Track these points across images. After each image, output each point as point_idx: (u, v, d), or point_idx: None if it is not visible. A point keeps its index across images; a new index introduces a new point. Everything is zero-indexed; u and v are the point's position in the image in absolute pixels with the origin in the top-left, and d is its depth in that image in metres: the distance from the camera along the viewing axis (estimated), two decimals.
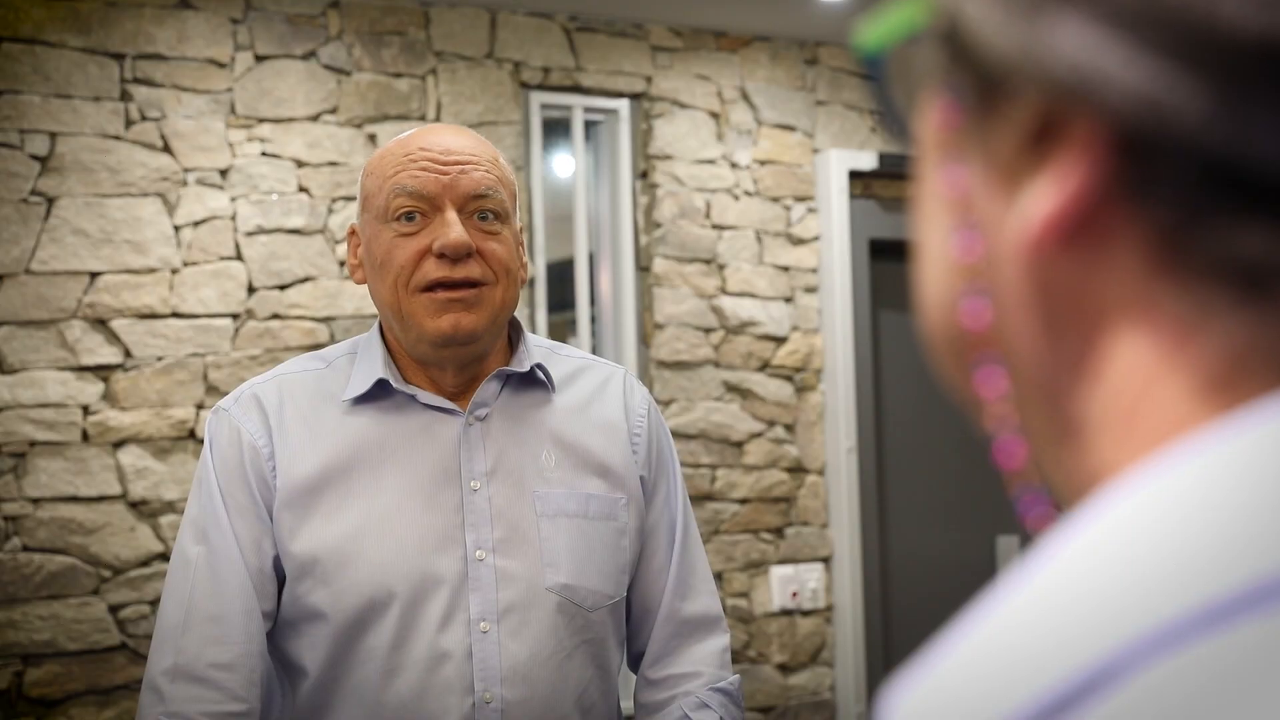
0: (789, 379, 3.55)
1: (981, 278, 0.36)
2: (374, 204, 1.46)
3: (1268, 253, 0.32)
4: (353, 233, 1.52)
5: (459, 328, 1.42)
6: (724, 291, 3.48)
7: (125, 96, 2.93)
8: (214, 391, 2.96)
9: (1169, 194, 0.32)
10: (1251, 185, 0.31)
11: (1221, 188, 0.32)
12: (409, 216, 1.43)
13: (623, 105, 3.42)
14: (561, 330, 3.44)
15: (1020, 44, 0.33)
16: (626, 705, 1.66)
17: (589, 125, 3.45)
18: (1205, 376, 0.33)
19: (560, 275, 3.42)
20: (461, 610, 1.42)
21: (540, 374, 1.53)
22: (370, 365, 1.48)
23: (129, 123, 2.94)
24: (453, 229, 1.41)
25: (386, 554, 1.42)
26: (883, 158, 3.61)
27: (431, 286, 1.42)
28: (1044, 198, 0.34)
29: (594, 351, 3.32)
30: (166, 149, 2.96)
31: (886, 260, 3.65)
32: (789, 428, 3.54)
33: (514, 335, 1.56)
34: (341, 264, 3.13)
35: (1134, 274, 0.33)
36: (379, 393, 1.47)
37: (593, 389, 1.57)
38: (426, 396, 1.47)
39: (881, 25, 0.39)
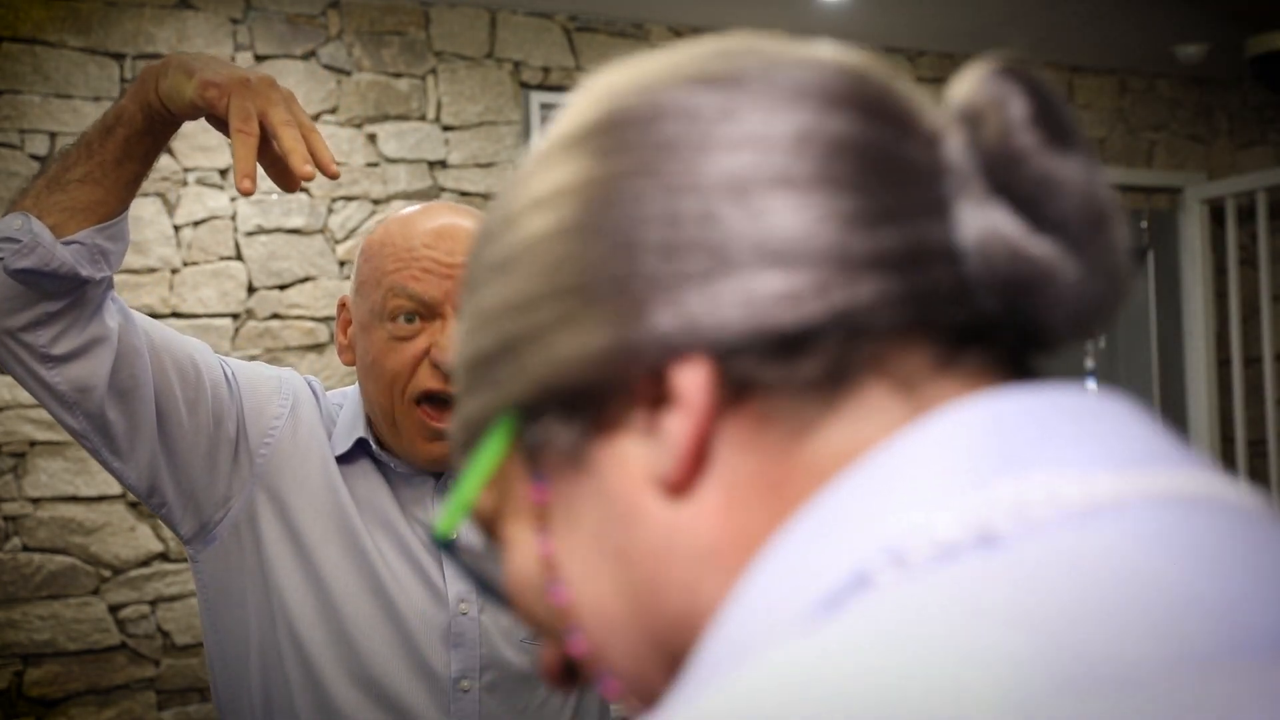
0: None
1: (556, 571, 0.44)
2: (369, 295, 1.36)
3: (828, 371, 0.38)
4: (343, 306, 1.42)
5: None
6: None
7: None
8: None
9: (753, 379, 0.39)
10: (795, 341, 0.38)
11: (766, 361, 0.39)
12: (407, 318, 1.33)
13: None
14: None
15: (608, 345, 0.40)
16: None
17: None
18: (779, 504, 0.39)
19: None
20: (441, 667, 1.35)
21: None
22: (353, 423, 1.41)
23: None
24: (453, 344, 1.31)
25: (361, 605, 1.35)
26: None
27: (424, 398, 1.33)
28: (670, 440, 0.39)
29: None
30: (166, 149, 2.96)
31: None
32: None
33: None
34: (342, 264, 3.13)
35: (755, 464, 0.39)
36: (360, 448, 1.41)
37: None
38: (400, 465, 1.40)
39: (452, 507, 0.46)
